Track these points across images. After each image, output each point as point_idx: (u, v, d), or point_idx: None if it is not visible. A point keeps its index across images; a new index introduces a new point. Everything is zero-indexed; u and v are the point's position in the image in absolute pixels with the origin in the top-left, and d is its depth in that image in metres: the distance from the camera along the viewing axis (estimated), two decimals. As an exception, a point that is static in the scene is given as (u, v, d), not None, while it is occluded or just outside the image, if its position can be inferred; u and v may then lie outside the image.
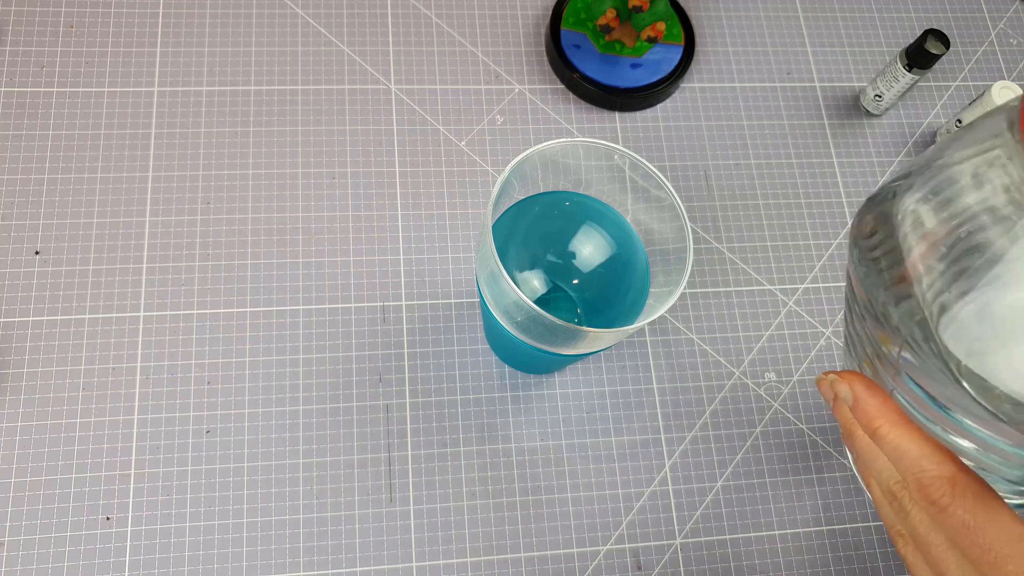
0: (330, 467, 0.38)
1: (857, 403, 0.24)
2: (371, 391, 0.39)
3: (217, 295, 0.40)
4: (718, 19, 0.49)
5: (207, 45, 0.44)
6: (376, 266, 0.41)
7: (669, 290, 0.29)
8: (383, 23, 0.46)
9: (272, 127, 0.43)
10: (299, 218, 0.42)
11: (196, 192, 0.42)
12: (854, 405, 0.25)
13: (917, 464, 0.22)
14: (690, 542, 0.39)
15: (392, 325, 0.40)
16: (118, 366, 0.38)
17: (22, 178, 0.41)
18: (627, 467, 0.39)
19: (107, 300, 0.39)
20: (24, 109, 0.42)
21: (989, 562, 0.21)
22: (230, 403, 0.38)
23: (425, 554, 0.37)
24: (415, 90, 0.45)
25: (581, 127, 0.45)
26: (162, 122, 0.43)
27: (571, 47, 0.45)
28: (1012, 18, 0.52)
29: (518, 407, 0.40)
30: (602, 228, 0.34)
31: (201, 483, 0.37)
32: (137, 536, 0.36)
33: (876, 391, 0.24)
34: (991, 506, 0.21)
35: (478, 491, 0.38)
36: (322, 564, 0.36)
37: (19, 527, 0.35)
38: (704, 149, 0.46)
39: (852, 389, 0.25)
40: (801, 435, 0.41)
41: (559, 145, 0.30)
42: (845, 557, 0.39)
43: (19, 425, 0.37)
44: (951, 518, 0.21)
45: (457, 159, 0.44)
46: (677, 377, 0.41)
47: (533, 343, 0.31)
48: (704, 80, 0.47)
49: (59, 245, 0.40)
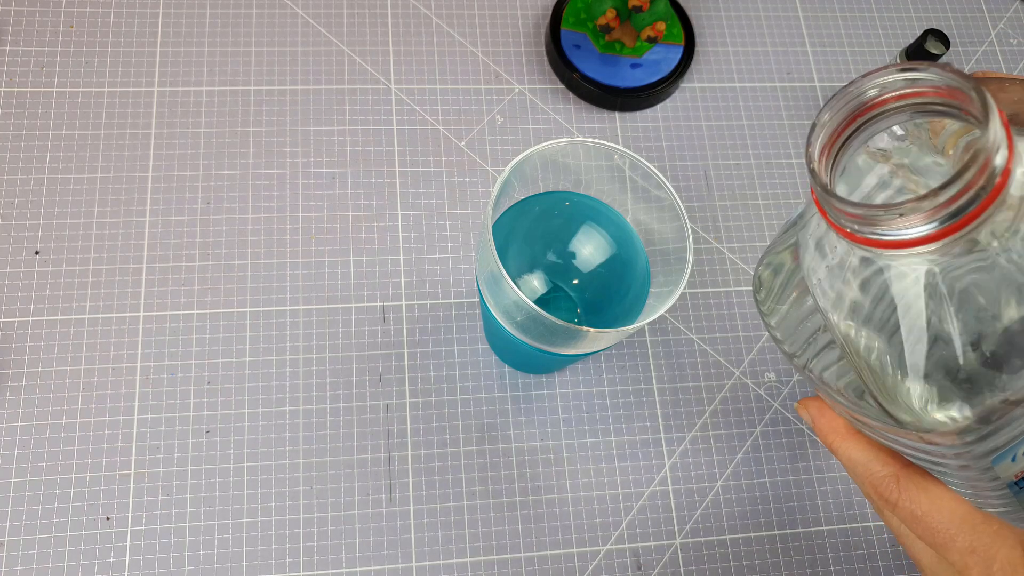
0: (330, 467, 0.38)
1: (814, 426, 0.27)
2: (371, 391, 0.39)
3: (217, 295, 0.40)
4: (718, 19, 0.49)
5: (207, 45, 0.44)
6: (376, 266, 0.41)
7: (669, 290, 0.29)
8: (383, 23, 0.46)
9: (272, 127, 0.43)
10: (299, 218, 0.42)
11: (196, 192, 0.42)
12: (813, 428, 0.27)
13: (867, 469, 0.24)
14: (690, 542, 0.39)
15: (392, 325, 0.40)
16: (118, 366, 0.38)
17: (22, 178, 0.41)
18: (627, 467, 0.39)
19: (107, 300, 0.39)
20: (24, 109, 0.42)
21: (941, 543, 0.23)
22: (230, 403, 0.38)
23: (425, 554, 0.37)
24: (415, 90, 0.45)
25: (581, 127, 0.45)
26: (162, 122, 0.43)
27: (571, 47, 0.45)
28: (1012, 18, 0.52)
29: (518, 407, 0.40)
30: (602, 228, 0.34)
31: (201, 483, 0.37)
32: (137, 536, 0.36)
33: (824, 410, 0.26)
34: (934, 493, 0.23)
35: (478, 491, 0.38)
36: (322, 564, 0.36)
37: (19, 527, 0.35)
38: (704, 149, 0.46)
39: (809, 413, 0.27)
40: (801, 435, 0.41)
41: (559, 145, 0.30)
42: (845, 557, 0.39)
43: (19, 425, 0.37)
44: (902, 511, 0.23)
45: (457, 159, 0.44)
46: (677, 377, 0.41)
47: (533, 343, 0.31)
48: (704, 80, 0.47)
49: (59, 245, 0.40)
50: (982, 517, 0.22)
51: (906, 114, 0.19)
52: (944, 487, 0.23)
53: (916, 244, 0.18)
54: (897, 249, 0.18)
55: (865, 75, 0.19)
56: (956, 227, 0.17)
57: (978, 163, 0.16)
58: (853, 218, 0.18)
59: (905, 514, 0.23)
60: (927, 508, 0.23)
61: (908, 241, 0.18)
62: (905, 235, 0.18)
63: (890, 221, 0.18)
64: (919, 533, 0.23)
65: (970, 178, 0.17)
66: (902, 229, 0.18)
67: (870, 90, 0.19)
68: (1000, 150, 0.17)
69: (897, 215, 0.17)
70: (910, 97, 0.19)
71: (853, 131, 0.20)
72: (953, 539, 0.22)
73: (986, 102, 0.17)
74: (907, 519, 0.23)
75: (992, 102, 0.17)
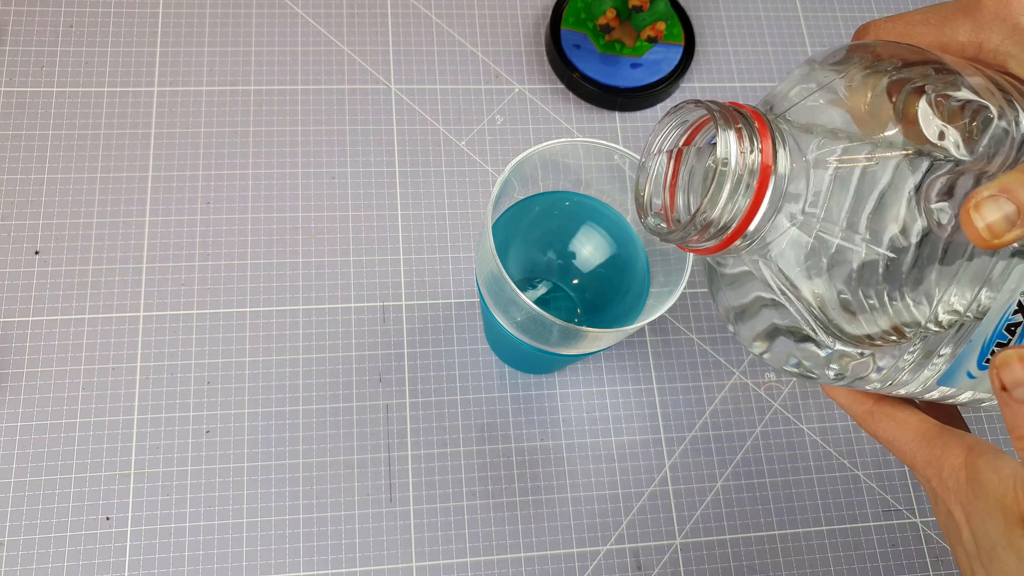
0: (330, 467, 0.38)
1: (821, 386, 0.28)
2: (371, 391, 0.39)
3: (217, 295, 0.40)
4: (718, 19, 0.49)
5: (207, 45, 0.44)
6: (376, 266, 0.41)
7: (669, 290, 0.29)
8: (383, 23, 0.46)
9: (272, 127, 0.43)
10: (299, 218, 0.42)
11: (196, 192, 0.42)
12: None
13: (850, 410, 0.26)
14: (690, 542, 0.39)
15: (392, 325, 0.40)
16: (118, 366, 0.38)
17: (22, 178, 0.41)
18: (627, 467, 0.39)
19: (107, 300, 0.39)
20: (24, 109, 0.42)
21: (909, 462, 0.24)
22: (230, 403, 0.38)
23: (425, 554, 0.37)
24: (415, 90, 0.45)
25: (581, 127, 0.45)
26: (162, 122, 0.43)
27: (571, 47, 0.45)
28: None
29: (518, 407, 0.40)
30: (602, 228, 0.34)
31: (201, 483, 0.37)
32: (137, 536, 0.36)
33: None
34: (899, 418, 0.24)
35: (478, 491, 0.38)
36: (322, 564, 0.36)
37: (19, 527, 0.35)
38: (704, 149, 0.46)
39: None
40: (801, 435, 0.41)
41: (559, 145, 0.30)
42: (845, 557, 0.39)
43: (19, 425, 0.37)
44: (881, 440, 0.25)
45: (457, 159, 0.44)
46: (677, 377, 0.41)
47: (533, 343, 0.31)
48: (704, 80, 0.47)
49: (59, 245, 0.40)
50: (936, 431, 0.23)
51: (709, 133, 0.23)
52: (910, 409, 0.24)
53: (711, 251, 0.22)
54: (705, 255, 0.23)
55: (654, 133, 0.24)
56: (728, 241, 0.21)
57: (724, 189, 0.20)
58: (678, 241, 0.23)
59: (883, 443, 0.25)
60: (894, 433, 0.24)
61: (705, 250, 0.22)
62: (702, 246, 0.22)
63: (687, 240, 0.22)
64: (897, 456, 0.24)
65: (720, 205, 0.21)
66: (697, 244, 0.22)
67: (672, 135, 0.24)
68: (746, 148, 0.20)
69: (682, 238, 0.22)
70: (694, 137, 0.23)
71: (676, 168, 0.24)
72: (915, 455, 0.23)
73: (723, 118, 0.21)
74: (885, 446, 0.25)
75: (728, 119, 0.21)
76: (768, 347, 0.25)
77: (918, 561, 0.39)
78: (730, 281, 0.25)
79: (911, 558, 0.39)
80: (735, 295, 0.25)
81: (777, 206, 0.21)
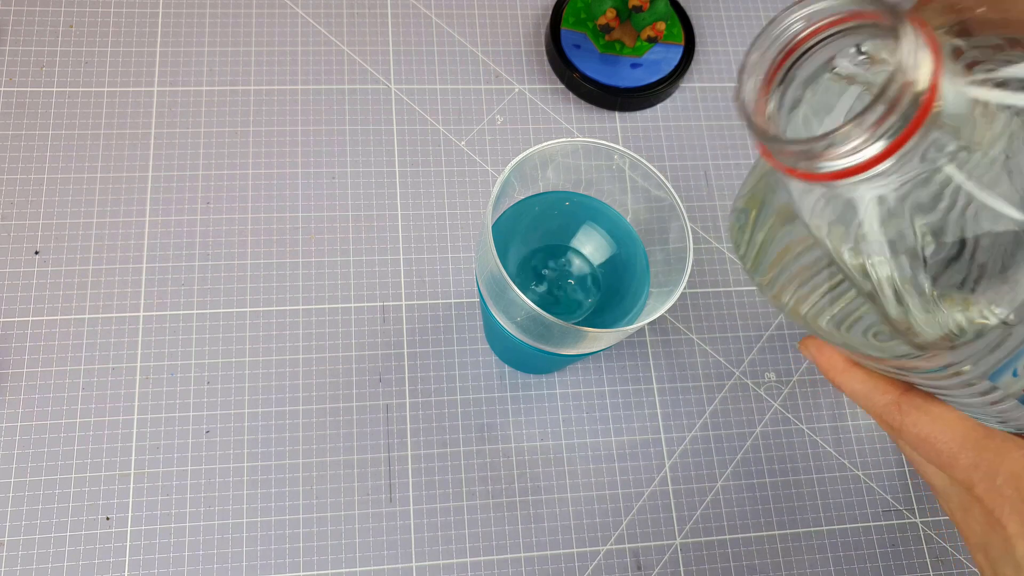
0: (330, 467, 0.38)
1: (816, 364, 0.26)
2: (371, 391, 0.39)
3: (217, 295, 0.40)
4: (718, 19, 0.49)
5: (207, 45, 0.44)
6: (376, 266, 0.41)
7: (669, 290, 0.29)
8: (383, 23, 0.46)
9: (272, 127, 0.43)
10: (299, 218, 0.42)
11: (196, 192, 0.42)
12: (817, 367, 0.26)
13: (868, 400, 0.24)
14: (690, 542, 0.39)
15: (392, 325, 0.40)
16: (118, 366, 0.38)
17: (22, 178, 0.41)
18: (627, 467, 0.39)
19: (107, 300, 0.39)
20: (24, 109, 0.42)
21: (946, 463, 0.22)
22: (230, 403, 0.38)
23: (425, 554, 0.37)
24: (415, 90, 0.45)
25: (581, 127, 0.45)
26: (162, 122, 0.43)
27: (571, 47, 0.45)
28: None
29: (518, 407, 0.40)
30: (602, 228, 0.34)
31: (201, 483, 0.37)
32: (137, 536, 0.36)
33: (823, 348, 0.26)
34: (935, 414, 0.23)
35: (478, 491, 0.38)
36: (322, 564, 0.36)
37: (19, 527, 0.35)
38: (704, 149, 0.46)
39: (809, 352, 0.26)
40: (801, 435, 0.41)
41: (559, 145, 0.30)
42: (845, 557, 0.39)
43: (19, 425, 0.37)
44: (907, 435, 0.23)
45: (457, 159, 0.44)
46: (677, 377, 0.41)
47: (533, 343, 0.31)
48: (704, 80, 0.47)
49: (59, 245, 0.40)
50: (984, 432, 0.22)
51: (847, 39, 0.19)
52: (945, 406, 0.23)
53: (857, 172, 0.17)
54: (843, 179, 0.17)
55: (787, 8, 0.19)
56: (887, 153, 0.17)
57: (896, 82, 0.16)
58: (794, 156, 0.18)
59: (910, 438, 0.23)
60: (929, 429, 0.22)
61: (848, 170, 0.17)
62: (844, 165, 0.17)
63: (827, 152, 0.17)
64: (925, 455, 0.23)
65: (892, 96, 0.16)
66: (839, 160, 0.17)
67: (794, 24, 0.19)
68: (920, 64, 0.16)
69: (828, 145, 0.17)
70: (834, 26, 0.18)
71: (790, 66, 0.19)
72: (956, 457, 0.22)
73: (895, 16, 0.16)
74: (913, 442, 0.23)
75: (902, 18, 0.16)
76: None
77: (918, 561, 0.39)
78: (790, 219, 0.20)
79: (911, 558, 0.39)
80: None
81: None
